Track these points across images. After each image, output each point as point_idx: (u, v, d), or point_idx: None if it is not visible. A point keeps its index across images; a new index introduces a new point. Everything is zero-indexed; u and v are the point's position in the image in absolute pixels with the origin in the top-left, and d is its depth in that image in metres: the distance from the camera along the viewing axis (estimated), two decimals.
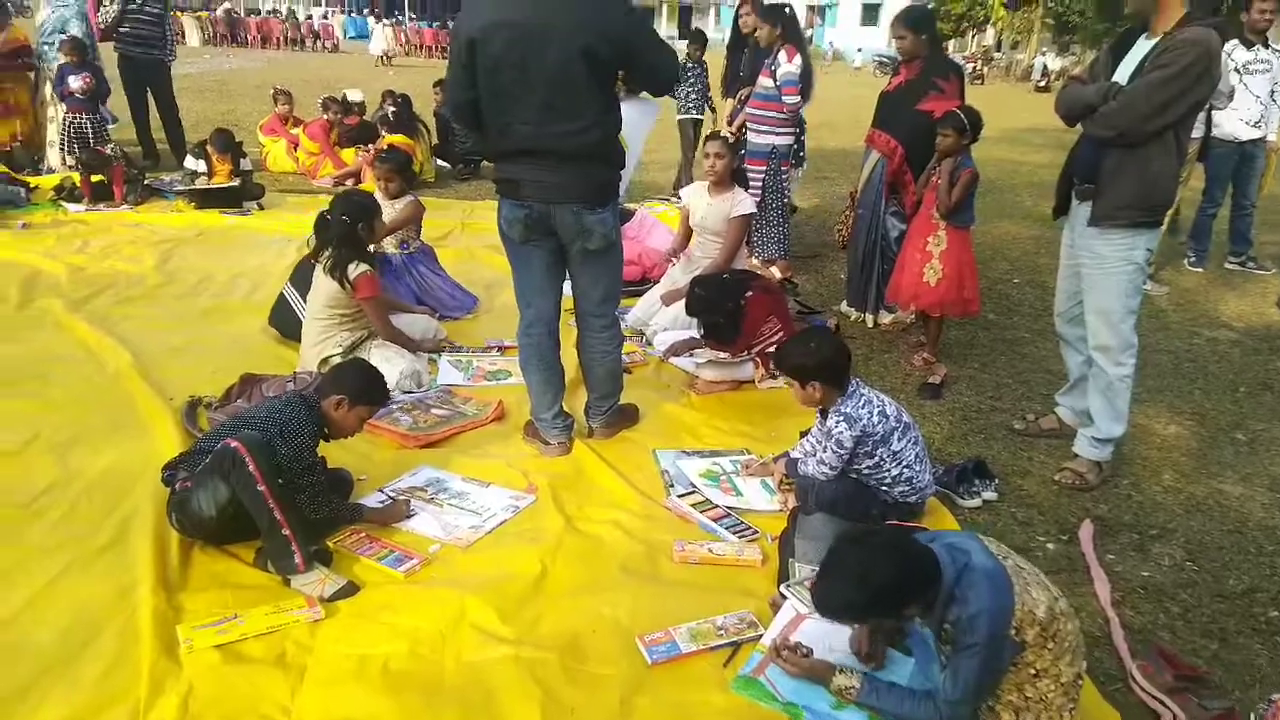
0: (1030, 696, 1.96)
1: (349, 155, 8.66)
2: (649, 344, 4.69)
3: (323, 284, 3.95)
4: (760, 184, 5.66)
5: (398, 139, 8.17)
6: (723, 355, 4.18)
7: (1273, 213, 7.67)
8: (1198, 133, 5.93)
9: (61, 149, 8.10)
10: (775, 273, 5.81)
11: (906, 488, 2.96)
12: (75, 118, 7.98)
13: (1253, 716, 2.15)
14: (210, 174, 7.48)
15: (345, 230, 3.94)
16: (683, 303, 4.27)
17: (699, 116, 8.18)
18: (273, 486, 2.57)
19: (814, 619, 2.28)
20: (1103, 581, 2.81)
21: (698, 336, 4.28)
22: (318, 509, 2.80)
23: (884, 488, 2.96)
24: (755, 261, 5.82)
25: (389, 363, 3.97)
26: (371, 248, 4.16)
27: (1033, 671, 1.94)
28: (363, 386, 2.92)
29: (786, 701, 2.02)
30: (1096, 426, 3.44)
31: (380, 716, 2.17)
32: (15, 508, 2.97)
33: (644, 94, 3.25)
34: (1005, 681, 1.96)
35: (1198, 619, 2.69)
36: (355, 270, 3.87)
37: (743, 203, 4.67)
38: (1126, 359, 3.38)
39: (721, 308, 4.07)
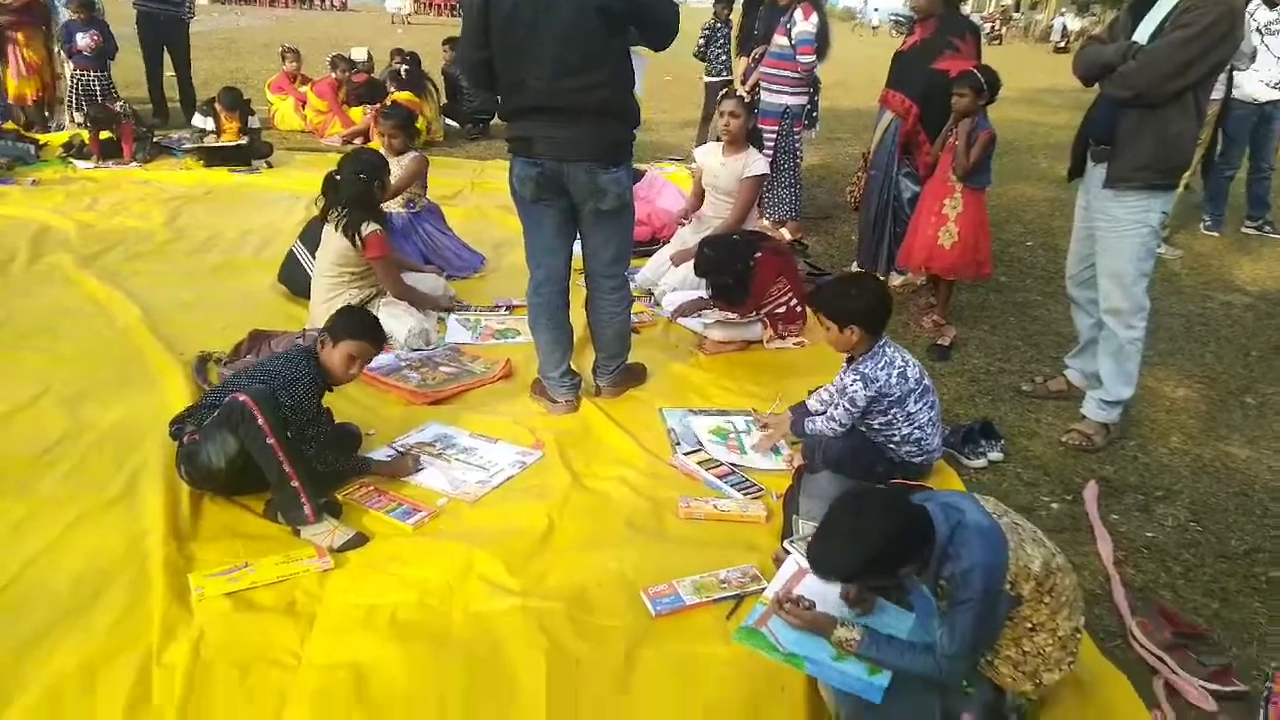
0: (1028, 650, 1.98)
1: (357, 114, 8.61)
2: (657, 304, 4.68)
3: (332, 242, 3.95)
4: (773, 144, 5.61)
5: (403, 96, 8.12)
6: (731, 316, 4.17)
7: None
8: (1217, 94, 5.84)
9: (70, 106, 8.08)
10: (785, 234, 5.79)
11: (914, 448, 2.96)
12: (83, 75, 7.95)
13: (1264, 694, 2.16)
14: (218, 132, 7.46)
15: (361, 187, 3.93)
16: (692, 263, 4.25)
17: (730, 77, 8.09)
18: (281, 439, 2.60)
19: None
20: (1105, 540, 2.83)
21: (706, 297, 4.28)
22: (324, 460, 2.82)
23: (891, 445, 2.97)
24: (766, 223, 5.80)
25: (397, 320, 3.99)
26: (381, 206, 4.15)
27: (1029, 625, 1.96)
28: (344, 324, 2.90)
29: (788, 652, 2.05)
30: (1105, 389, 3.44)
31: (388, 664, 2.21)
32: (27, 460, 3.01)
33: (636, 49, 3.20)
34: (1002, 636, 1.98)
35: (1199, 578, 2.70)
36: (366, 229, 3.87)
37: (756, 163, 4.64)
38: (1138, 322, 3.36)
39: (730, 268, 4.06)
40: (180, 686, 2.10)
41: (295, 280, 4.48)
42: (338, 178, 3.97)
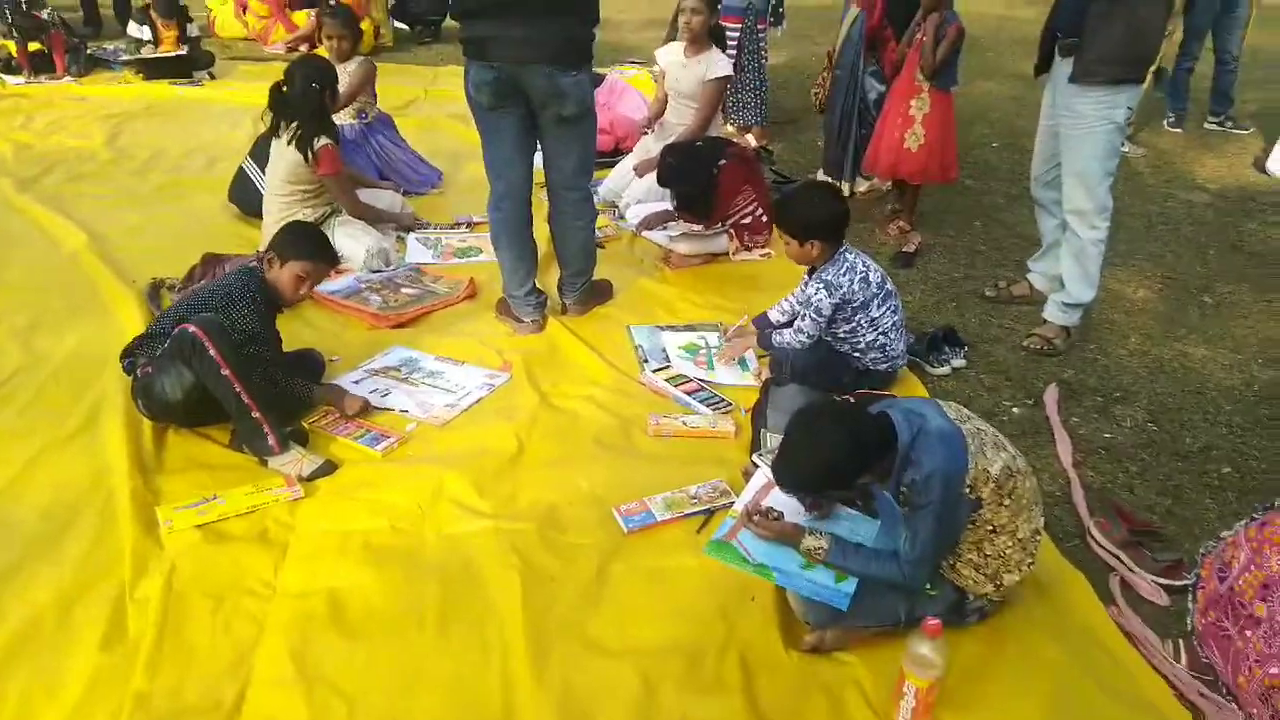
0: (989, 554, 2.05)
1: (301, 17, 8.21)
2: (622, 217, 4.61)
3: (282, 158, 3.80)
4: (736, 43, 5.44)
5: None
6: (696, 228, 4.12)
7: (1253, 68, 7.51)
8: None
9: None
10: (751, 140, 5.68)
11: (879, 355, 2.99)
12: None
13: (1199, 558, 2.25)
14: (156, 42, 7.09)
15: (315, 98, 3.76)
16: (655, 173, 4.17)
17: None
18: (236, 369, 2.55)
19: None
20: (1064, 443, 2.90)
21: (671, 209, 4.21)
22: (272, 381, 2.75)
23: (856, 354, 2.99)
24: (730, 128, 5.68)
25: (354, 240, 3.90)
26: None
27: (990, 528, 2.01)
28: (291, 239, 2.83)
29: (757, 564, 2.09)
30: (1067, 291, 3.47)
31: (363, 588, 2.24)
32: None
33: None
34: (964, 539, 2.04)
35: (1154, 477, 2.79)
36: (318, 143, 3.72)
37: (718, 64, 4.49)
38: (1101, 222, 3.37)
39: (694, 177, 3.98)
40: (155, 619, 2.11)
41: (246, 199, 4.34)
42: (285, 89, 3.80)
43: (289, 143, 3.75)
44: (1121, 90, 3.20)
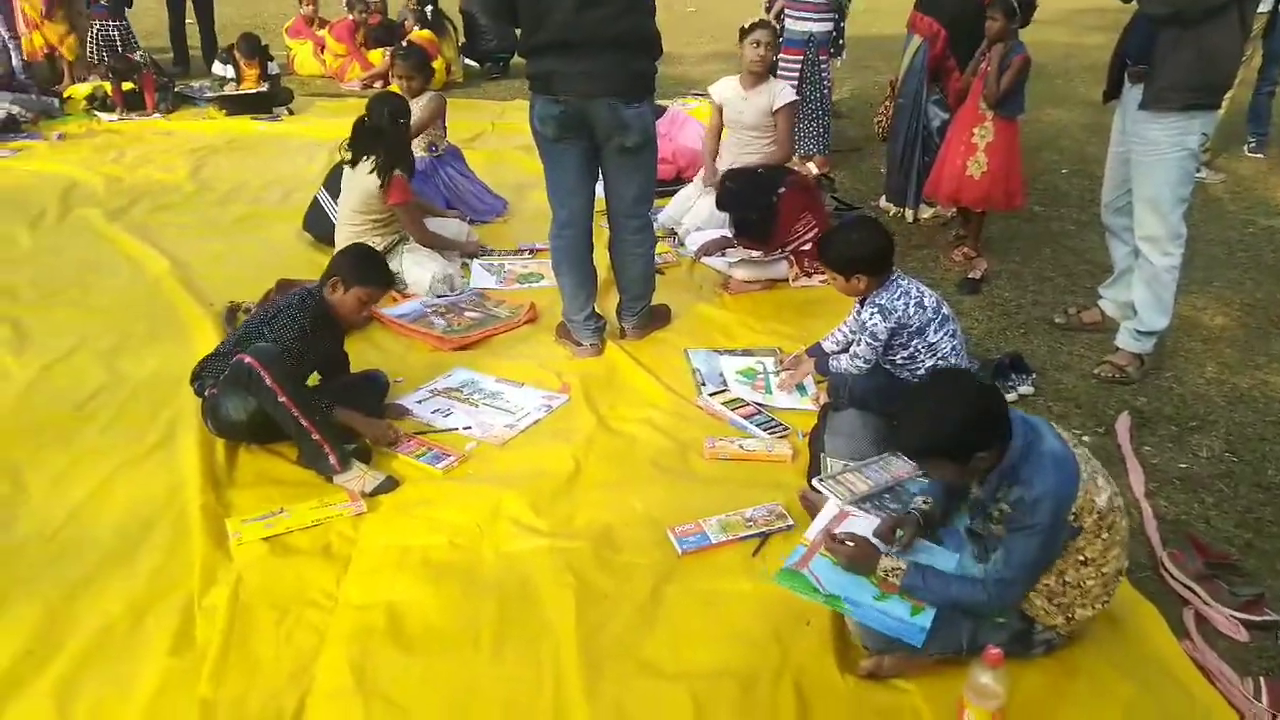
0: (1069, 582, 1.98)
1: (376, 56, 8.50)
2: (681, 244, 4.63)
3: (355, 187, 3.94)
4: (797, 74, 5.46)
5: (421, 35, 7.99)
6: (755, 254, 4.13)
7: None
8: (1265, 6, 5.57)
9: (90, 57, 8.05)
10: (812, 168, 5.67)
11: None
12: (102, 25, 7.90)
13: None
14: (239, 80, 7.42)
15: (398, 131, 3.90)
16: (714, 199, 4.19)
17: None
18: (293, 396, 2.63)
19: (856, 514, 2.31)
20: (1137, 472, 2.81)
21: (730, 235, 4.22)
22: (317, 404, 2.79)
23: (917, 380, 2.94)
24: (793, 158, 5.68)
25: (421, 267, 4.00)
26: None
27: (1081, 559, 1.95)
28: (354, 264, 2.91)
29: (828, 594, 2.04)
30: (1140, 318, 3.37)
31: (421, 603, 2.27)
32: (66, 412, 3.09)
33: None
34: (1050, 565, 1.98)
35: (1233, 509, 2.68)
36: (394, 173, 3.85)
37: (784, 92, 4.51)
38: (1174, 249, 3.27)
39: (754, 203, 4.00)
40: (221, 628, 2.18)
41: (320, 227, 4.49)
42: (367, 122, 3.94)
43: (370, 171, 3.87)
44: (1195, 116, 3.12)
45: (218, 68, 7.63)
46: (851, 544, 2.09)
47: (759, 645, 2.14)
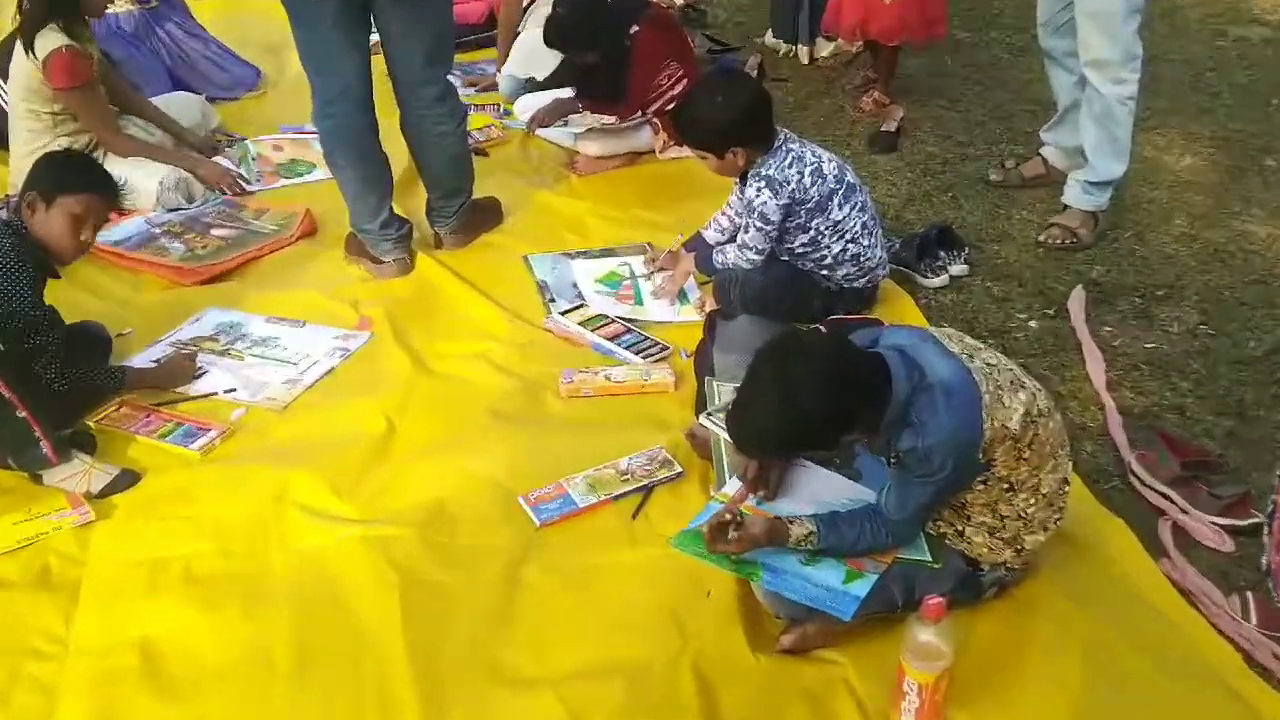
0: (1006, 515, 2.10)
1: None
2: (507, 113, 4.57)
3: (20, 69, 3.70)
4: None
5: None
6: (607, 120, 4.11)
7: None
8: None
9: None
10: None
11: (852, 269, 3.03)
12: None
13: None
14: None
15: None
16: (531, 37, 4.12)
17: None
18: None
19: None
20: (1096, 360, 2.99)
21: (573, 97, 4.18)
22: (63, 377, 2.71)
23: (823, 272, 3.03)
24: None
25: (143, 169, 3.84)
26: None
27: (1006, 486, 2.06)
28: (53, 173, 2.78)
29: (739, 559, 2.09)
30: (1091, 167, 3.54)
31: (187, 632, 2.23)
32: None
33: None
34: (974, 502, 2.09)
35: (1211, 393, 2.89)
36: (43, 45, 3.58)
37: None
38: (1129, 75, 3.43)
39: (594, 41, 3.94)
40: None
41: None
42: None
43: (26, 47, 3.63)
44: None
45: None
46: (755, 530, 2.12)
47: (647, 629, 2.20)
